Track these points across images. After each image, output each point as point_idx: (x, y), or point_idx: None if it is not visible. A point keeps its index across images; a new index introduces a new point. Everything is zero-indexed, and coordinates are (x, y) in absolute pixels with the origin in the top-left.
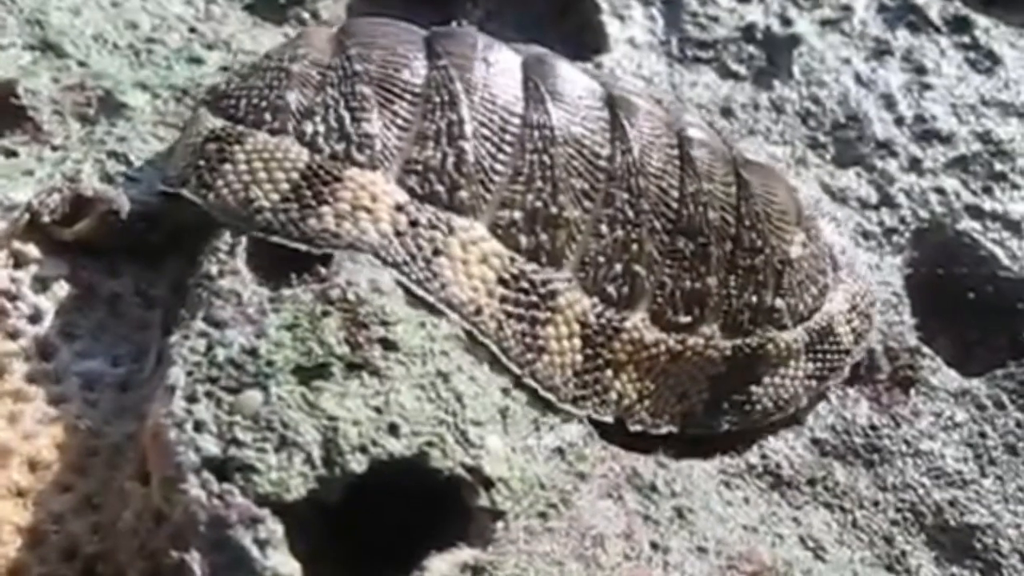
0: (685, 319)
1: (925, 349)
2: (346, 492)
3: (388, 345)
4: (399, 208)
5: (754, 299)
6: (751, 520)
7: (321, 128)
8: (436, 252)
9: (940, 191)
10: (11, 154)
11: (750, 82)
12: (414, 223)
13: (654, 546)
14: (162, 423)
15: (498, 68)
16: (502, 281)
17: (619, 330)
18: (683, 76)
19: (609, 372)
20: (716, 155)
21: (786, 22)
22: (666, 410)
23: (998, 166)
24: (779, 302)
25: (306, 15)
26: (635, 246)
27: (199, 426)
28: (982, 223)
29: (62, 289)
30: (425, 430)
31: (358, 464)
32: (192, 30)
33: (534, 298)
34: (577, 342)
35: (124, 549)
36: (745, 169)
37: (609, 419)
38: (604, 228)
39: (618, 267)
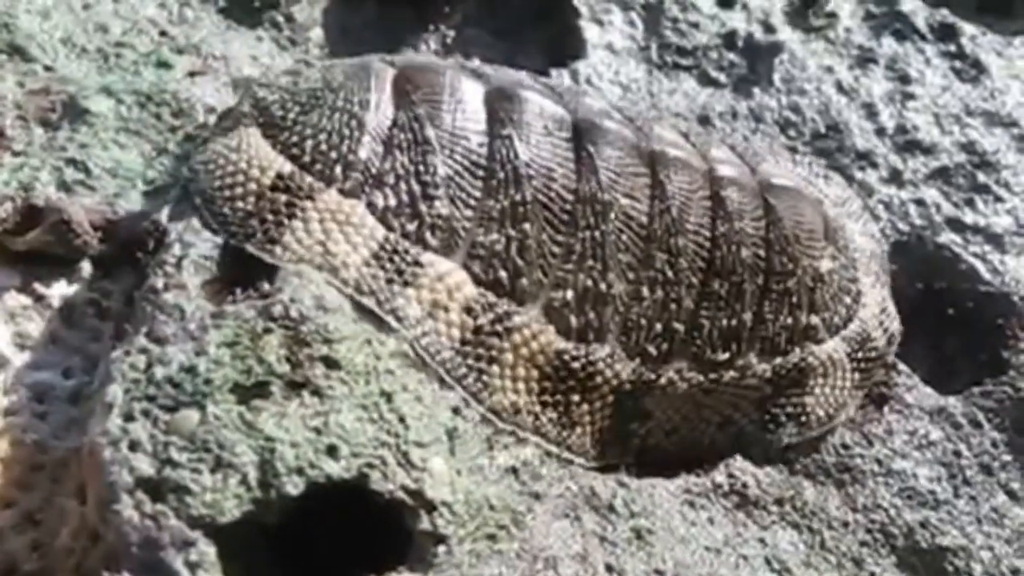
0: (723, 356)
1: (901, 366)
2: (285, 515)
3: (330, 364)
4: (468, 311)
5: (789, 320)
6: (715, 541)
7: (393, 203)
8: (491, 361)
9: (920, 203)
10: None
11: (730, 90)
12: (477, 330)
13: (609, 568)
14: (97, 441)
15: (558, 136)
16: (545, 376)
17: (653, 385)
18: (662, 83)
19: (636, 424)
20: (745, 190)
21: (769, 29)
22: (703, 438)
23: (981, 177)
24: (814, 319)
25: (280, 18)
26: (674, 305)
27: (134, 445)
28: (963, 236)
29: (13, 299)
30: (366, 452)
31: (295, 487)
32: (163, 34)
33: (572, 383)
34: (609, 410)
35: (61, 568)
36: (771, 194)
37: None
38: (645, 291)
39: (658, 327)
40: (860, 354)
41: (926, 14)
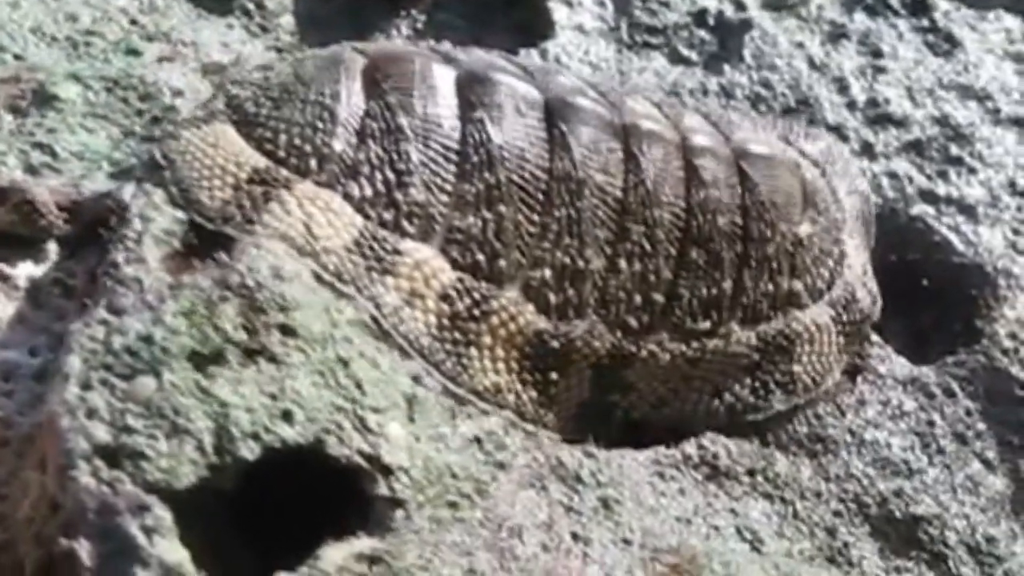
0: (704, 325)
1: (874, 336)
2: (242, 480)
3: (287, 331)
4: (445, 298)
5: (770, 287)
6: (685, 511)
7: (368, 192)
8: (468, 344)
9: (893, 176)
10: None
11: (700, 67)
12: (455, 316)
13: (575, 537)
14: (56, 410)
15: (530, 116)
16: (524, 356)
17: (634, 357)
18: (632, 62)
19: (617, 396)
20: (719, 158)
21: (740, 6)
22: (698, 409)
23: (954, 150)
24: (796, 284)
25: (250, 5)
26: (652, 276)
27: (91, 413)
28: (936, 208)
29: None
30: (321, 417)
31: (250, 451)
32: (133, 22)
33: (551, 360)
34: (587, 384)
35: (22, 539)
36: (746, 161)
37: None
38: (623, 264)
39: (637, 299)
40: (845, 316)
41: None
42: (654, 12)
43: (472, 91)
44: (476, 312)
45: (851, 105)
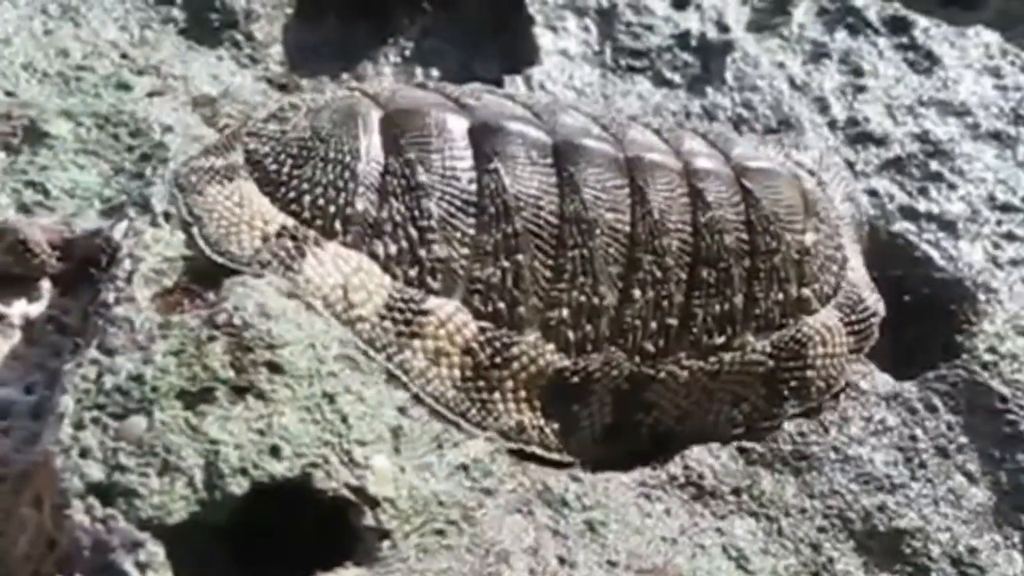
0: (719, 340)
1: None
2: (233, 515)
3: (274, 368)
4: (468, 352)
5: (780, 296)
6: (671, 532)
7: (393, 250)
8: (492, 390)
9: (874, 193)
10: None
11: (684, 90)
12: (477, 366)
13: (561, 560)
14: (50, 450)
15: (541, 163)
16: (545, 392)
17: (653, 379)
18: (616, 86)
19: (641, 415)
20: (721, 179)
21: (722, 28)
22: (720, 419)
23: (934, 166)
24: (805, 291)
25: (240, 37)
26: (665, 302)
27: (85, 452)
28: (917, 224)
29: None
30: (308, 452)
31: (239, 487)
32: (124, 56)
33: (571, 394)
34: (609, 408)
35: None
36: (746, 178)
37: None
38: (636, 293)
39: (653, 325)
40: (853, 316)
41: (878, 8)
42: (637, 36)
43: (486, 141)
44: (498, 360)
45: (832, 124)
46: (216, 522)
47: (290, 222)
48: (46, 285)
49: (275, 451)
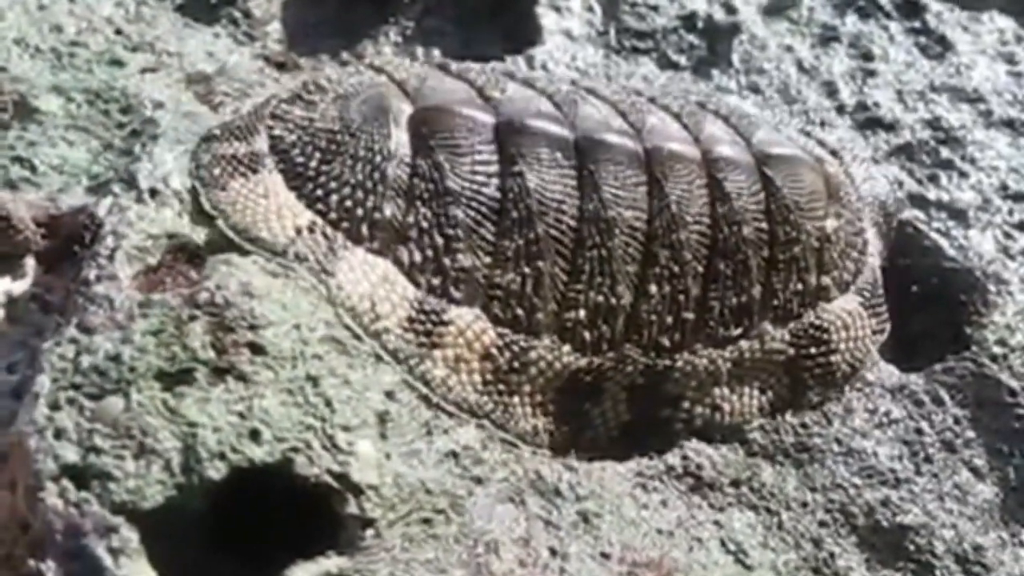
0: (736, 331)
1: None
2: (210, 500)
3: (256, 349)
4: (488, 357)
5: (800, 286)
6: (667, 524)
7: (418, 258)
8: (511, 393)
9: None
10: None
11: (689, 72)
12: (496, 371)
13: (552, 552)
14: (25, 431)
15: (564, 164)
16: (561, 395)
17: (670, 372)
18: (620, 67)
19: (668, 410)
20: (740, 167)
21: (730, 10)
22: (750, 406)
23: (945, 153)
24: (825, 279)
25: (237, 14)
26: (681, 296)
27: (60, 433)
28: (927, 212)
29: None
30: (290, 436)
31: (216, 471)
32: (118, 32)
33: (585, 394)
34: (623, 406)
35: None
36: (768, 166)
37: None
38: (652, 288)
39: (668, 320)
40: (874, 299)
41: None
42: (643, 16)
43: (511, 141)
44: (516, 364)
45: (840, 109)
46: (193, 507)
47: (319, 220)
48: (30, 262)
49: (255, 435)
